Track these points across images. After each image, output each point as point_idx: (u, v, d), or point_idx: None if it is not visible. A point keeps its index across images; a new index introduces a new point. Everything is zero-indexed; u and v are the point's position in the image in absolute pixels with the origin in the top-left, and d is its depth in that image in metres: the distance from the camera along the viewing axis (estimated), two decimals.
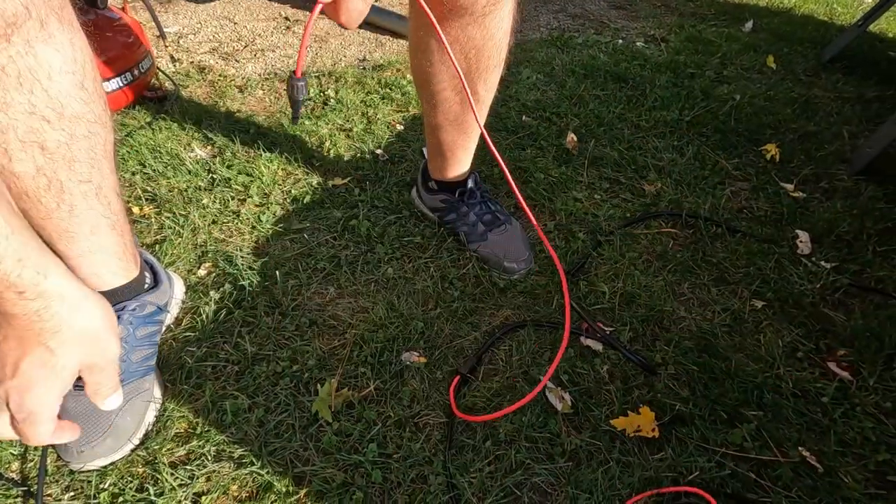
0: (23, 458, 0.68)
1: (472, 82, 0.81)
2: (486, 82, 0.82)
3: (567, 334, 0.73)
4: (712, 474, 0.70)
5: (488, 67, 0.80)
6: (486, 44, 0.76)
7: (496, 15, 0.73)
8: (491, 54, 0.78)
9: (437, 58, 0.78)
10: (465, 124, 0.90)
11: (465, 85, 0.70)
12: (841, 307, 0.96)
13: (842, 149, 1.36)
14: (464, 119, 0.88)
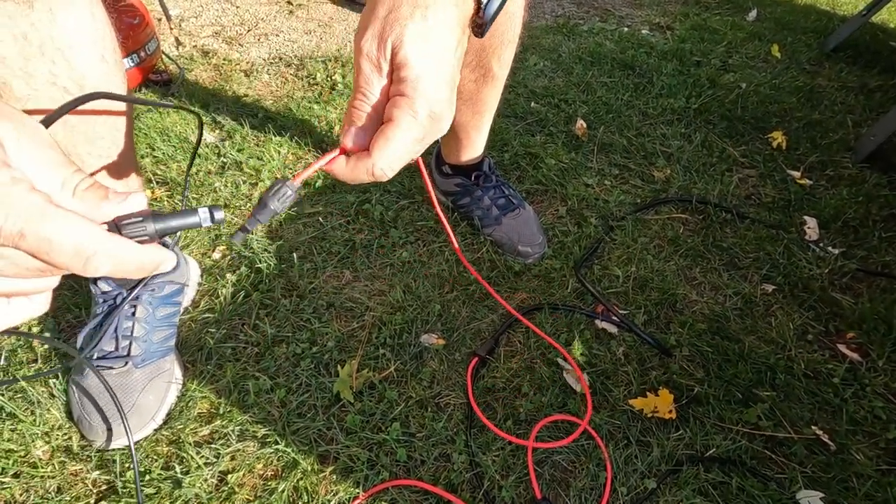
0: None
1: (485, 58, 0.79)
2: (500, 59, 0.81)
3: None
4: (729, 451, 0.72)
5: (502, 42, 0.78)
6: (500, 18, 0.75)
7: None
8: (505, 28, 0.76)
9: None
10: (479, 104, 0.89)
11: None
12: (849, 291, 0.98)
13: (846, 137, 1.38)
14: (477, 98, 0.88)
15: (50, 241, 0.24)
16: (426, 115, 0.34)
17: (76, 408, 0.67)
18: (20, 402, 0.68)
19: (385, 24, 0.34)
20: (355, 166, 0.35)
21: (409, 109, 0.34)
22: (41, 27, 0.48)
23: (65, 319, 0.80)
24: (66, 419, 0.68)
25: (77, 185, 0.26)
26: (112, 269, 0.26)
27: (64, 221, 0.24)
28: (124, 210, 0.27)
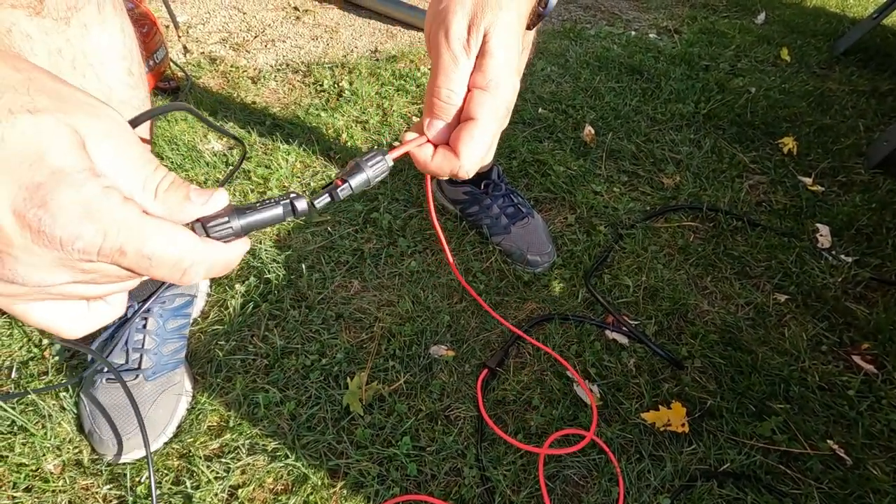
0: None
1: None
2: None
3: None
4: (743, 465, 0.71)
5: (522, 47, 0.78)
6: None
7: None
8: (525, 39, 0.77)
9: None
10: None
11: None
12: (863, 301, 0.96)
13: (858, 142, 1.36)
14: None
15: (150, 259, 0.24)
16: (505, 112, 0.34)
17: (87, 421, 0.67)
18: (31, 415, 0.69)
19: (477, 7, 0.33)
20: (442, 163, 0.35)
21: (492, 108, 0.33)
22: (75, 42, 0.48)
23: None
24: (76, 432, 0.69)
25: (158, 186, 0.25)
26: (205, 274, 0.26)
27: (163, 237, 0.24)
28: (207, 210, 0.26)
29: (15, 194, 0.21)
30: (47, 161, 0.22)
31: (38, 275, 0.23)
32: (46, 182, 0.21)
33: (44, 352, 0.77)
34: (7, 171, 0.21)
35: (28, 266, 0.22)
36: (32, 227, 0.21)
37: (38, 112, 0.22)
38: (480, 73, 0.33)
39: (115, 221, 0.23)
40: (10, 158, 0.21)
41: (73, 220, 0.22)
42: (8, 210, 0.21)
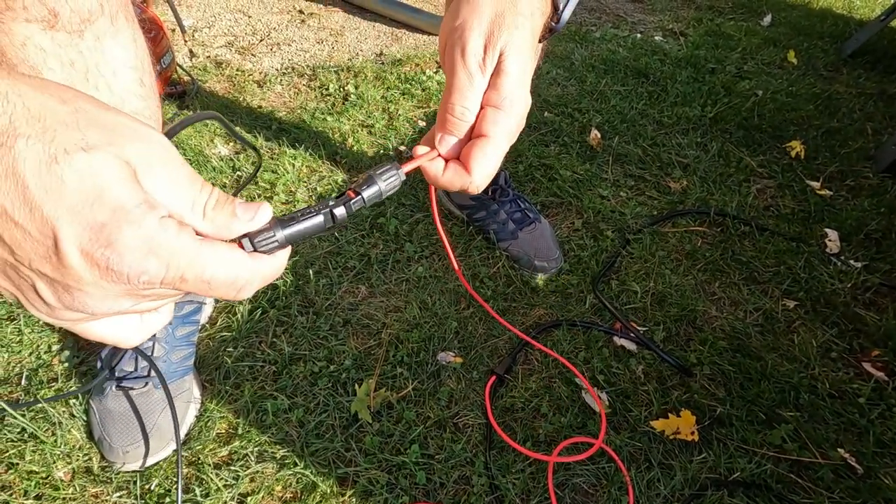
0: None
1: None
2: None
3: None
4: (754, 474, 0.70)
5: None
6: None
7: None
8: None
9: None
10: None
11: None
12: (873, 307, 0.96)
13: (866, 146, 1.36)
14: None
15: (209, 283, 0.25)
16: (517, 129, 0.35)
17: (97, 428, 0.67)
18: (41, 422, 0.69)
19: (493, 26, 0.33)
20: (453, 178, 0.35)
21: (505, 126, 0.34)
22: (88, 55, 0.48)
23: (82, 338, 0.80)
24: (86, 440, 0.69)
25: (206, 205, 0.26)
26: (257, 287, 0.28)
27: (219, 260, 0.26)
28: (254, 226, 0.27)
29: (80, 234, 0.22)
30: (106, 199, 0.23)
31: (106, 305, 0.25)
32: (109, 221, 0.23)
33: (52, 359, 0.77)
34: (70, 213, 0.22)
35: (96, 299, 0.24)
36: (101, 265, 0.23)
37: (91, 149, 0.23)
38: (495, 91, 0.33)
39: (175, 252, 0.24)
40: (72, 199, 0.22)
41: (138, 257, 0.23)
42: (76, 250, 0.22)
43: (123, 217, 0.23)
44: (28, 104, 0.22)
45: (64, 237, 0.22)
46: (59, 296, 0.24)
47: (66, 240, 0.22)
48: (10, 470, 0.65)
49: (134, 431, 0.66)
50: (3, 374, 0.75)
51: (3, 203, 0.22)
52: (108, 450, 0.66)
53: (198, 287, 0.25)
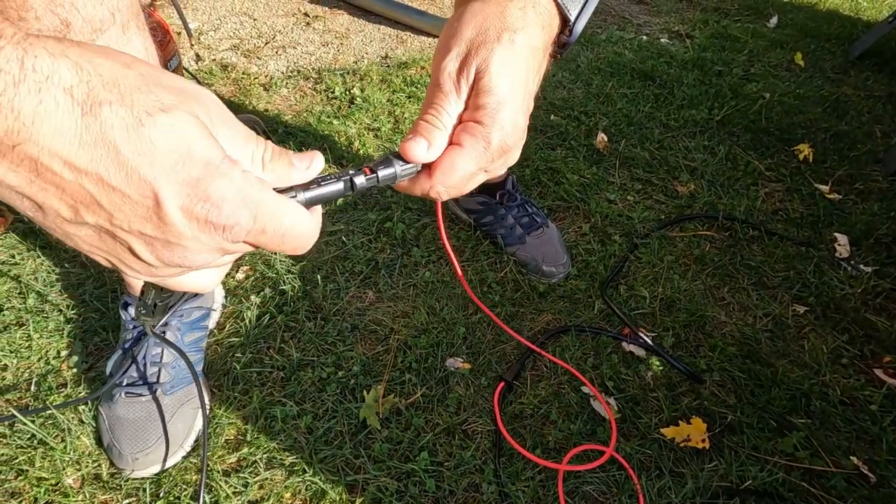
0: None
1: None
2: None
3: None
4: (766, 483, 0.70)
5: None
6: None
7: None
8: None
9: None
10: None
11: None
12: (884, 312, 0.95)
13: (875, 149, 1.35)
14: None
15: (283, 236, 0.27)
16: (497, 147, 0.34)
17: (106, 435, 0.67)
18: (51, 428, 0.69)
19: (471, 46, 0.33)
20: (411, 184, 0.35)
21: (482, 139, 0.33)
22: None
23: (92, 342, 0.80)
24: (95, 446, 0.69)
25: (264, 157, 0.28)
26: (311, 245, 0.30)
27: (292, 214, 0.28)
28: (311, 174, 0.30)
29: (179, 192, 0.24)
30: (195, 156, 0.24)
31: (202, 258, 0.26)
32: (203, 177, 0.24)
33: (61, 364, 0.77)
34: (166, 172, 0.23)
35: (194, 252, 0.26)
36: (200, 219, 0.24)
37: (169, 110, 0.23)
38: (474, 109, 0.33)
39: (259, 203, 0.26)
40: (165, 159, 0.23)
41: (233, 209, 0.25)
42: (176, 207, 0.24)
43: (214, 171, 0.24)
44: (100, 71, 0.23)
45: (164, 196, 0.23)
46: (158, 253, 0.26)
47: (167, 198, 0.24)
48: (19, 476, 0.65)
49: (143, 438, 0.66)
50: (13, 379, 0.75)
51: (98, 171, 0.23)
52: (118, 457, 0.66)
53: (272, 240, 0.27)
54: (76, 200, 0.24)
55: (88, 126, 0.22)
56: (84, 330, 0.81)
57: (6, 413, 0.69)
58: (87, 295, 0.86)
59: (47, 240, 0.94)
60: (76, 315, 0.83)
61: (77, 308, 0.84)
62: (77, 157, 0.22)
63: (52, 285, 0.87)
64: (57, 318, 0.82)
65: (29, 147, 0.22)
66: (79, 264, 0.91)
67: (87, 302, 0.85)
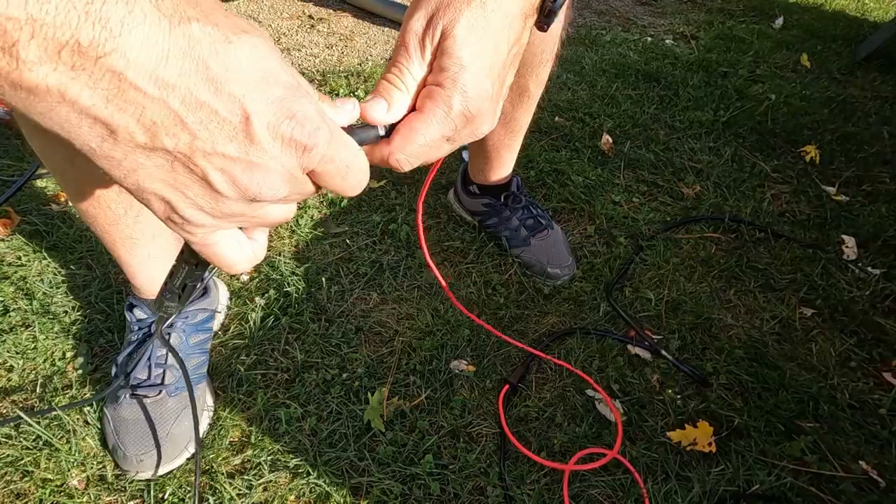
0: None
1: (523, 77, 0.78)
2: (537, 77, 0.79)
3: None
4: (773, 487, 0.69)
5: (541, 61, 0.77)
6: (537, 37, 0.74)
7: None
8: (543, 48, 0.75)
9: None
10: (513, 123, 0.87)
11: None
12: (892, 315, 0.94)
13: (883, 150, 1.34)
14: (512, 117, 0.86)
15: (348, 168, 0.28)
16: (459, 113, 0.32)
17: (111, 437, 0.67)
18: (56, 430, 0.69)
19: (440, 5, 0.32)
20: (371, 150, 0.33)
21: (442, 103, 0.31)
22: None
23: (97, 344, 0.80)
24: (100, 447, 0.69)
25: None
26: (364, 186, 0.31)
27: (355, 149, 0.29)
28: (354, 117, 0.30)
29: (265, 109, 0.24)
30: (279, 77, 0.25)
31: (276, 186, 0.26)
32: (286, 96, 0.24)
33: (67, 366, 0.77)
34: (254, 89, 0.24)
35: (273, 176, 0.25)
36: (284, 136, 0.25)
37: (246, 33, 0.24)
38: (437, 72, 0.31)
39: (332, 130, 0.27)
40: (251, 76, 0.24)
41: (314, 127, 0.25)
42: (264, 124, 0.24)
43: (296, 92, 0.25)
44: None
45: (253, 111, 0.24)
46: (235, 179, 0.25)
47: (256, 114, 0.24)
48: (25, 478, 0.65)
49: (148, 440, 0.66)
50: (19, 381, 0.75)
51: (188, 84, 0.22)
52: (122, 458, 0.66)
53: (338, 170, 0.28)
54: (156, 121, 0.23)
55: (177, 40, 0.22)
56: (89, 332, 0.82)
57: (12, 414, 0.69)
58: (93, 297, 0.86)
59: (53, 241, 0.94)
60: (81, 317, 0.83)
61: (83, 310, 0.84)
62: (165, 71, 0.22)
63: (57, 287, 0.87)
64: (63, 319, 0.83)
65: (114, 59, 0.21)
66: (84, 266, 0.91)
67: (93, 304, 0.85)
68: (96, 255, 0.93)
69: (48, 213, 1.00)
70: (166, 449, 0.66)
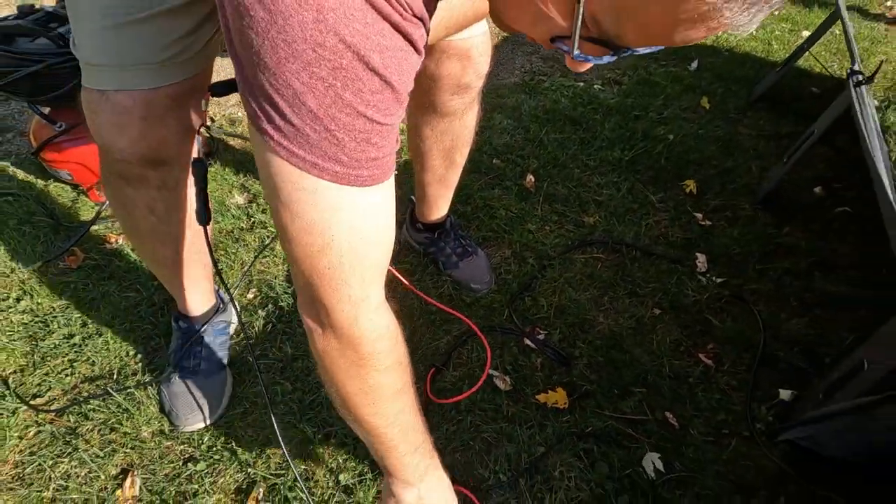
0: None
1: (453, 154, 1.14)
2: (461, 154, 1.16)
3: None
4: (601, 429, 1.05)
5: (466, 144, 1.14)
6: (464, 131, 1.10)
7: (470, 113, 1.07)
8: (468, 138, 1.13)
9: (430, 140, 1.11)
10: (447, 181, 1.24)
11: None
12: (720, 313, 1.30)
13: (750, 182, 1.69)
14: (446, 177, 1.22)
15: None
16: None
17: (166, 404, 1.03)
18: (131, 401, 1.05)
19: None
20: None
21: None
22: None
23: (149, 346, 1.16)
24: (159, 412, 1.04)
25: None
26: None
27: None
28: None
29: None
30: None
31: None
32: None
33: (131, 360, 1.13)
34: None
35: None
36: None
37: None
38: None
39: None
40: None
41: None
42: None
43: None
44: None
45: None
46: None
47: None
48: (112, 431, 1.01)
49: (191, 406, 1.02)
50: (100, 371, 1.11)
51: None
52: (175, 418, 1.01)
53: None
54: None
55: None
56: (143, 337, 1.17)
57: (101, 391, 1.05)
58: (142, 313, 1.22)
59: (109, 272, 1.30)
60: (136, 327, 1.19)
61: (136, 322, 1.20)
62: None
63: (116, 306, 1.23)
64: (125, 328, 1.18)
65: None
66: (133, 290, 1.27)
67: (143, 318, 1.21)
68: (142, 282, 1.28)
69: (104, 250, 1.36)
70: (205, 411, 1.02)
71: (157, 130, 0.74)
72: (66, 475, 0.95)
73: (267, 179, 0.48)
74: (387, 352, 0.61)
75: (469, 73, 0.95)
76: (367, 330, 0.57)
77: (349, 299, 0.54)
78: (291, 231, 0.49)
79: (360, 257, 0.52)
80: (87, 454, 0.97)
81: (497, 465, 1.00)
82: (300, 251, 0.50)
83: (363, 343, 0.58)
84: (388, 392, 0.64)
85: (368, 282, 0.55)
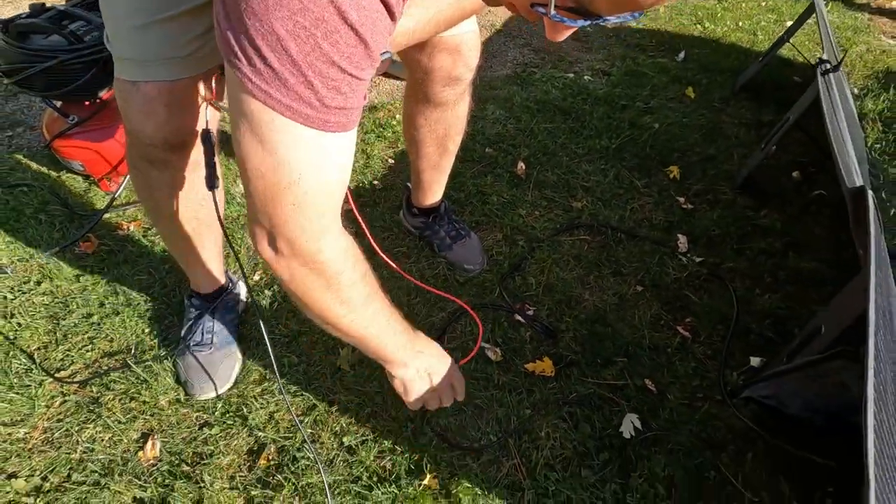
0: None
1: (445, 142, 1.22)
2: (454, 142, 1.24)
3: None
4: (584, 394, 1.14)
5: (458, 132, 1.22)
6: (456, 121, 1.18)
7: (462, 103, 1.15)
8: (460, 127, 1.20)
9: (424, 129, 1.19)
10: (441, 168, 1.31)
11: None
12: (698, 290, 1.38)
13: (731, 168, 1.77)
14: (440, 164, 1.30)
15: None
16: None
17: (182, 374, 1.11)
18: (149, 373, 1.13)
19: None
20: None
21: None
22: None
23: (163, 323, 1.24)
24: (174, 383, 1.13)
25: None
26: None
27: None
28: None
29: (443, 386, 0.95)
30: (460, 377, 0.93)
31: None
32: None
33: (146, 336, 1.21)
34: (443, 381, 0.92)
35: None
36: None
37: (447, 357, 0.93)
38: None
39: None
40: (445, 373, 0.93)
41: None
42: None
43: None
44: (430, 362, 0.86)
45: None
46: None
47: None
48: (132, 400, 1.09)
49: (204, 377, 1.10)
50: (118, 346, 1.19)
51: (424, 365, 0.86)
52: (190, 387, 1.09)
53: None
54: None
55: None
56: (157, 315, 1.25)
57: (121, 364, 1.13)
58: (156, 293, 1.30)
59: (123, 257, 1.38)
60: (152, 306, 1.27)
61: (150, 302, 1.28)
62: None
63: (131, 287, 1.31)
64: (139, 308, 1.26)
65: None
66: (146, 273, 1.34)
67: (156, 297, 1.29)
68: (154, 266, 1.36)
69: (117, 236, 1.44)
70: (216, 382, 1.10)
71: (178, 117, 0.81)
72: (91, 439, 1.04)
73: (240, 118, 0.52)
74: (350, 269, 0.68)
75: (459, 66, 1.03)
76: (331, 256, 0.64)
77: (312, 232, 0.59)
78: (261, 168, 0.53)
79: (323, 194, 0.57)
80: (111, 420, 1.06)
81: (489, 427, 1.09)
82: (267, 187, 0.55)
83: (328, 267, 0.64)
84: (359, 301, 0.72)
85: (329, 216, 0.61)
